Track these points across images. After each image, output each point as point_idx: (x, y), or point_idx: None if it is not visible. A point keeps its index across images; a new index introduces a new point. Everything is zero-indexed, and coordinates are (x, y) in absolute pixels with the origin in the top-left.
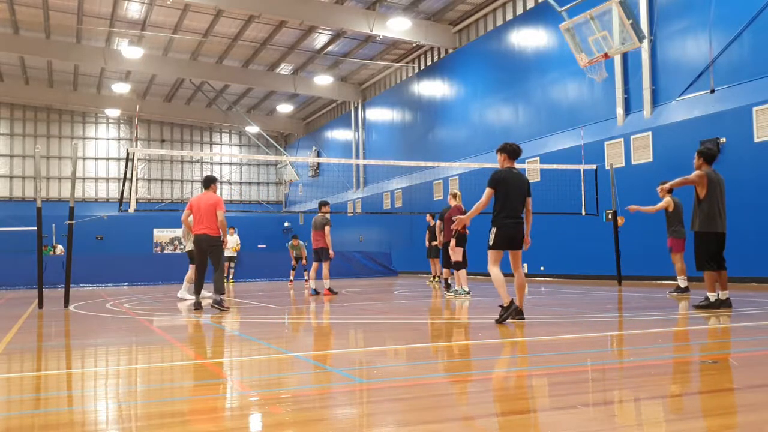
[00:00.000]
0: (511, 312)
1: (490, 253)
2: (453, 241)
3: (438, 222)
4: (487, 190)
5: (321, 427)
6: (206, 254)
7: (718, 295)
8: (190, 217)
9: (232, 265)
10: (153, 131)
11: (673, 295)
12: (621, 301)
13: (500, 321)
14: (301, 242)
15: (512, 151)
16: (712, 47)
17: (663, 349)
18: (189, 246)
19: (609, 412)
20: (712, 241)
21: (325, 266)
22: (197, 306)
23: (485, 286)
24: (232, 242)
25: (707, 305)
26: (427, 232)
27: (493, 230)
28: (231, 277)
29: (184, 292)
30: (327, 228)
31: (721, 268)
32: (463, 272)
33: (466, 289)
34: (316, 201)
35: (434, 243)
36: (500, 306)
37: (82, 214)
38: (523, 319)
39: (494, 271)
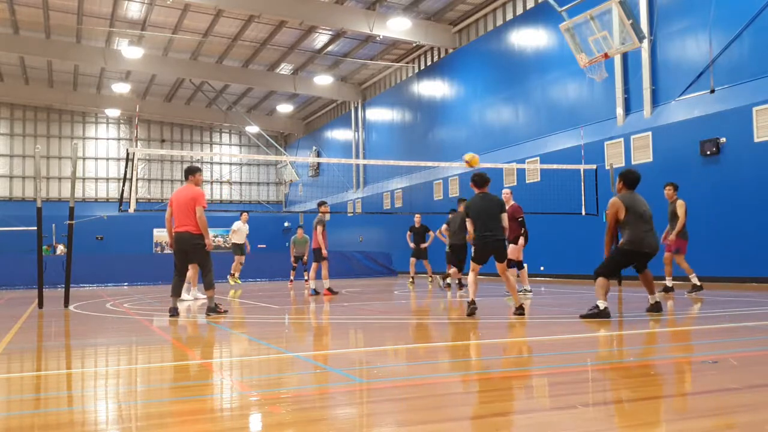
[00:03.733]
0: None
1: (471, 263)
2: (521, 240)
3: (445, 225)
4: (467, 220)
5: (321, 427)
6: (187, 255)
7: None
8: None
9: (243, 260)
10: (153, 131)
11: (691, 295)
12: (621, 301)
13: (518, 312)
14: (306, 236)
15: (477, 181)
16: (712, 47)
17: (663, 349)
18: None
19: (609, 412)
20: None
21: (324, 266)
22: (173, 312)
23: (487, 286)
24: (244, 230)
25: (597, 313)
26: (409, 232)
27: (473, 247)
28: (237, 274)
29: (184, 294)
30: (318, 228)
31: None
32: (524, 271)
33: (528, 288)
34: (316, 201)
35: (422, 245)
36: (467, 302)
37: (82, 214)
38: (523, 314)
39: (471, 276)
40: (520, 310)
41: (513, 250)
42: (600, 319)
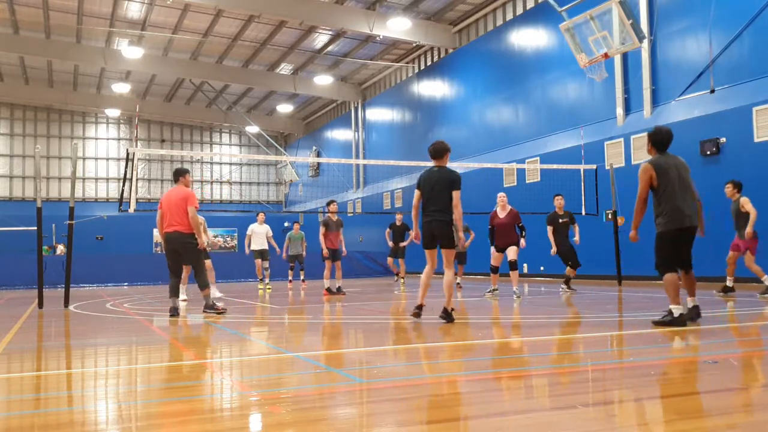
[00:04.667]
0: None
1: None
2: (522, 241)
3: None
4: (415, 192)
5: (321, 427)
6: (179, 255)
7: (686, 304)
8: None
9: (266, 264)
10: (153, 131)
11: (765, 297)
12: (621, 301)
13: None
14: (302, 232)
15: (432, 152)
16: (712, 47)
17: (663, 349)
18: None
19: (609, 412)
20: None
21: (328, 266)
22: (173, 312)
23: (486, 286)
24: (261, 233)
25: (670, 321)
26: (389, 230)
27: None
28: (267, 280)
29: (214, 291)
30: (321, 229)
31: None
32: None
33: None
34: (316, 201)
35: (402, 244)
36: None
37: (82, 214)
38: (452, 321)
39: (425, 269)
40: (446, 315)
41: (512, 250)
42: (674, 328)
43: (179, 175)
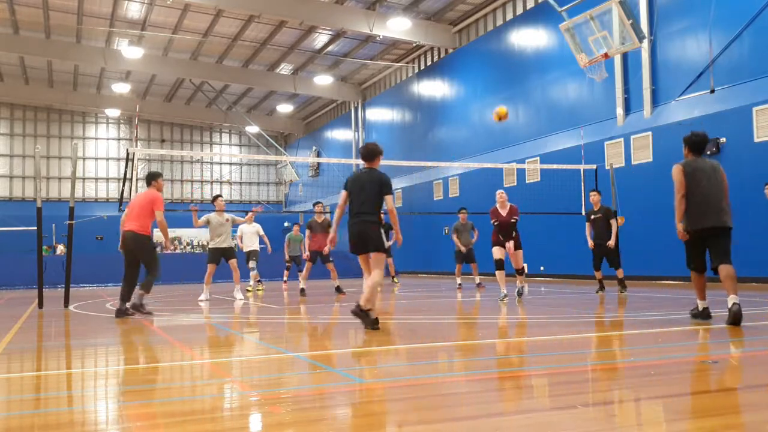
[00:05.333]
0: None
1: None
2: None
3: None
4: (341, 193)
5: (321, 427)
6: (133, 254)
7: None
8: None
9: (252, 264)
10: (153, 131)
11: None
12: (621, 302)
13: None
14: (301, 234)
15: (364, 153)
16: (712, 47)
17: (663, 349)
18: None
19: (609, 412)
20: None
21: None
22: (119, 313)
23: (489, 286)
24: (250, 232)
25: (697, 314)
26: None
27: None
28: (252, 282)
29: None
30: (306, 231)
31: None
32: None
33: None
34: (317, 201)
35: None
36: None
37: (82, 214)
38: (377, 328)
39: (364, 278)
40: (361, 313)
41: (519, 256)
42: (702, 321)
43: (152, 178)
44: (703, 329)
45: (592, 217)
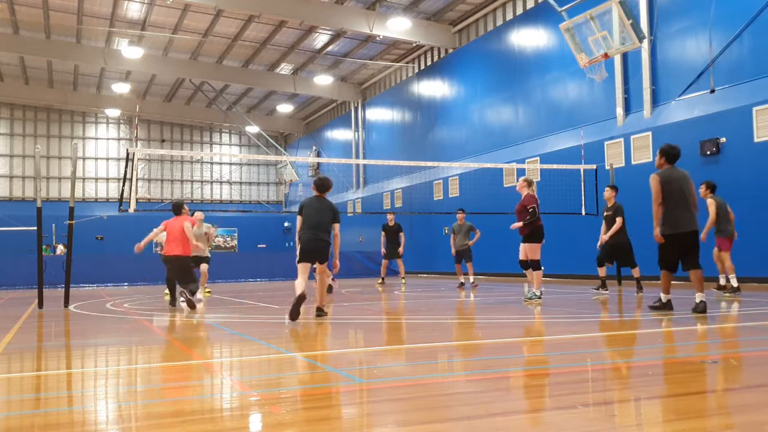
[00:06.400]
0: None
1: (298, 266)
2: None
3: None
4: (298, 218)
5: (321, 427)
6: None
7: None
8: (162, 234)
9: (204, 268)
10: (153, 131)
11: (726, 296)
12: (621, 302)
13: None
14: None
15: (318, 185)
16: (712, 47)
17: (663, 349)
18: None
19: (609, 412)
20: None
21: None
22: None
23: (489, 286)
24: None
25: (660, 306)
26: (383, 232)
27: (298, 246)
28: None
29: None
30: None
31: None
32: (539, 273)
33: (537, 293)
34: None
35: (400, 249)
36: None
37: (82, 214)
38: (324, 315)
39: (298, 281)
40: (320, 311)
41: (532, 249)
42: (664, 312)
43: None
44: (701, 330)
45: (605, 213)
